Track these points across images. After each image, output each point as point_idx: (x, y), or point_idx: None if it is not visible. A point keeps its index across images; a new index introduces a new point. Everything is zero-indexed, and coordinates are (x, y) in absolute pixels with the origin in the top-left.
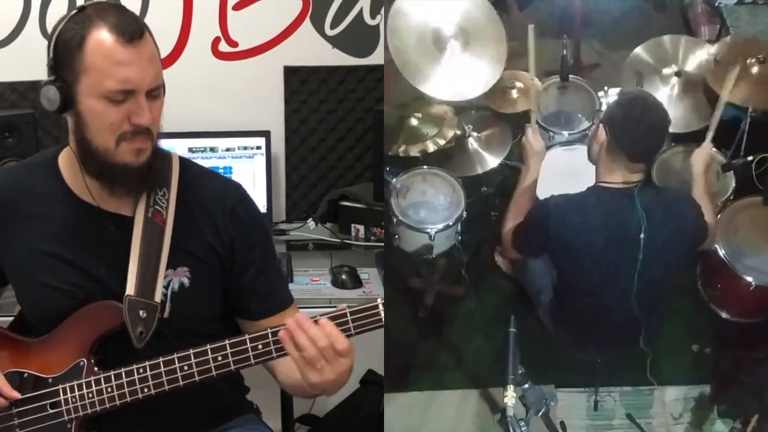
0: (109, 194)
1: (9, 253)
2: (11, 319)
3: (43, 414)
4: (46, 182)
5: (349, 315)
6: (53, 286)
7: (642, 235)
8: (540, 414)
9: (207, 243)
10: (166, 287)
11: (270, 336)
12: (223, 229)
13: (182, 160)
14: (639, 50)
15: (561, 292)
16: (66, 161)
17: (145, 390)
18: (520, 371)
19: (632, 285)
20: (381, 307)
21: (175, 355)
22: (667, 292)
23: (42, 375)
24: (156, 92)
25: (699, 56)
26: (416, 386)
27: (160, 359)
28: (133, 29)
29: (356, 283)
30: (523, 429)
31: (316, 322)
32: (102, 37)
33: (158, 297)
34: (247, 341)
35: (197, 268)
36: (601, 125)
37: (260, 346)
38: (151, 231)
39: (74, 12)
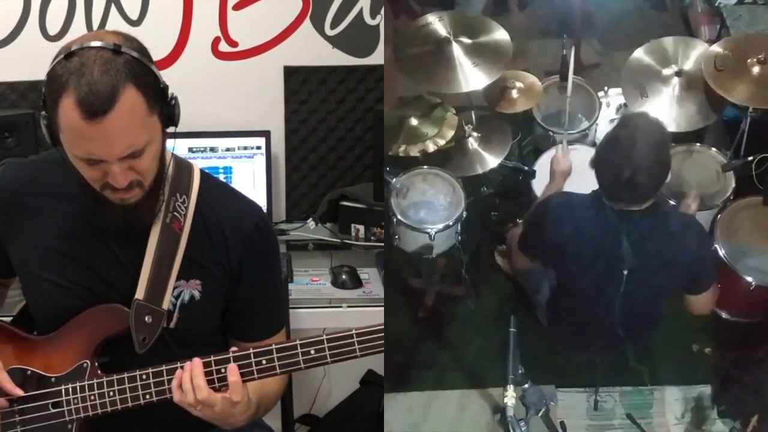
0: None
1: (19, 248)
2: (11, 319)
3: (45, 413)
4: (61, 179)
5: (355, 336)
6: (61, 285)
7: (628, 260)
8: (540, 414)
9: (218, 260)
10: (177, 297)
11: (275, 352)
12: (234, 252)
13: (202, 173)
14: (638, 52)
15: (557, 294)
16: None
17: (147, 396)
18: (520, 371)
19: (616, 301)
20: None
21: (179, 365)
22: (656, 315)
23: (45, 374)
24: (137, 153)
25: (699, 56)
26: (416, 386)
27: (164, 367)
28: (100, 102)
29: (356, 283)
30: (523, 429)
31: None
32: (68, 108)
33: (166, 305)
34: (251, 356)
35: (208, 282)
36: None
37: (264, 362)
38: (168, 236)
39: (63, 56)
